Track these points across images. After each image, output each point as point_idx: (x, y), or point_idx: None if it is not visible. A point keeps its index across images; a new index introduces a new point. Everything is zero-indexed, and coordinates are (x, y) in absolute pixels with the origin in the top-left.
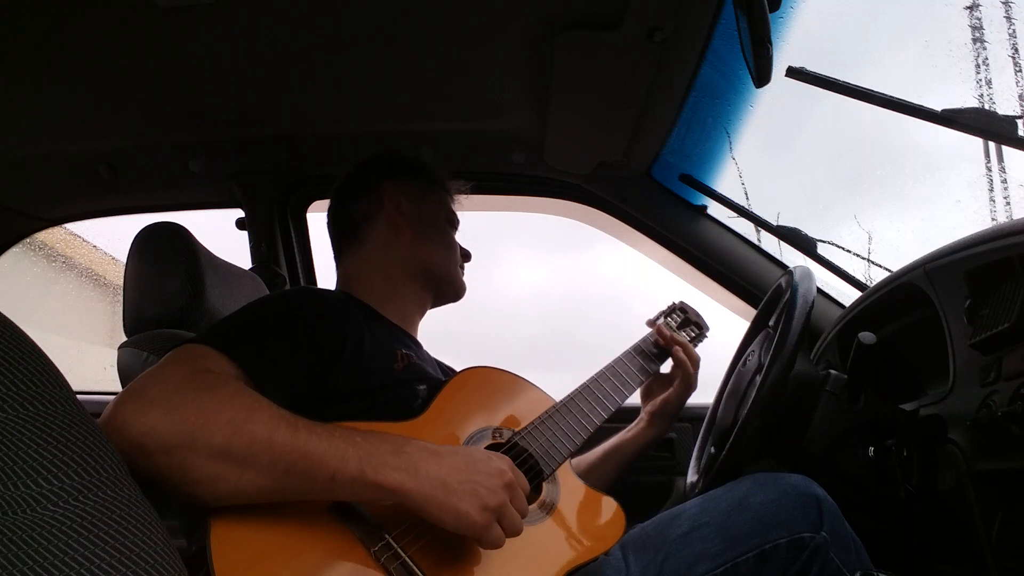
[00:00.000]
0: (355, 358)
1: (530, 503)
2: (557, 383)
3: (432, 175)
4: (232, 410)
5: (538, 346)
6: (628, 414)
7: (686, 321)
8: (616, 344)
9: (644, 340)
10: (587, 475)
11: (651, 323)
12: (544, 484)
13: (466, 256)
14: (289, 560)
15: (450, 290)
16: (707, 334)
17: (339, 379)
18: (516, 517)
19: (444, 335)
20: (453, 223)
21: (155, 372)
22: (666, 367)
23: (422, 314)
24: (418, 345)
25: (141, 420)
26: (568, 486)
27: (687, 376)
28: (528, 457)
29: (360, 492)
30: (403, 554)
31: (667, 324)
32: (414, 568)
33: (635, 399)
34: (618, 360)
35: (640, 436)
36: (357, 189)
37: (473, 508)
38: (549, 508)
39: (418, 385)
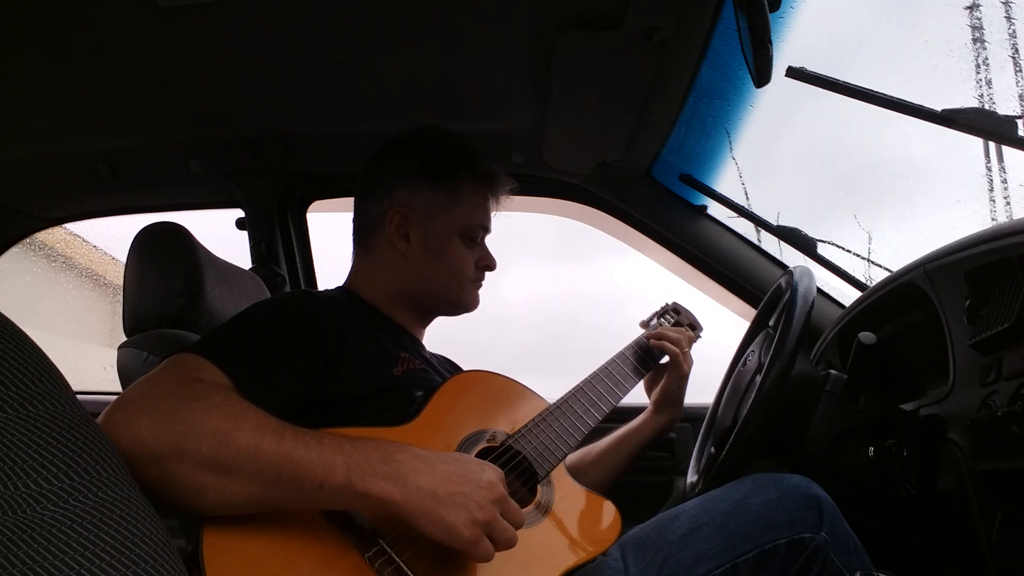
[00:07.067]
0: (354, 363)
1: (525, 506)
2: (557, 387)
3: (463, 173)
4: (219, 419)
5: (538, 350)
6: (623, 415)
7: (679, 322)
8: (615, 348)
9: (637, 341)
10: (598, 463)
11: (644, 324)
12: (539, 487)
13: (490, 267)
14: (282, 567)
15: (455, 311)
16: (701, 334)
17: (338, 385)
18: (508, 530)
19: (443, 338)
20: (473, 237)
21: (146, 381)
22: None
23: (426, 324)
24: (422, 347)
25: (130, 430)
26: (563, 488)
27: (676, 362)
28: (522, 460)
29: (348, 501)
30: (397, 559)
31: (659, 324)
32: (408, 573)
33: (630, 399)
34: (611, 361)
35: (648, 423)
36: (369, 188)
37: (462, 521)
38: (544, 510)
39: (416, 391)
